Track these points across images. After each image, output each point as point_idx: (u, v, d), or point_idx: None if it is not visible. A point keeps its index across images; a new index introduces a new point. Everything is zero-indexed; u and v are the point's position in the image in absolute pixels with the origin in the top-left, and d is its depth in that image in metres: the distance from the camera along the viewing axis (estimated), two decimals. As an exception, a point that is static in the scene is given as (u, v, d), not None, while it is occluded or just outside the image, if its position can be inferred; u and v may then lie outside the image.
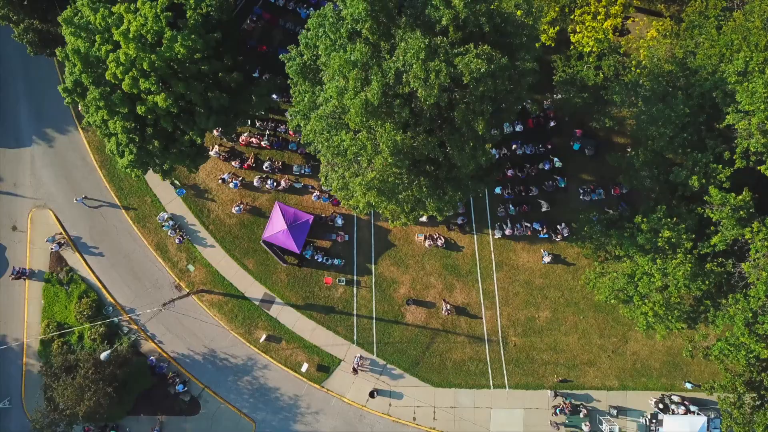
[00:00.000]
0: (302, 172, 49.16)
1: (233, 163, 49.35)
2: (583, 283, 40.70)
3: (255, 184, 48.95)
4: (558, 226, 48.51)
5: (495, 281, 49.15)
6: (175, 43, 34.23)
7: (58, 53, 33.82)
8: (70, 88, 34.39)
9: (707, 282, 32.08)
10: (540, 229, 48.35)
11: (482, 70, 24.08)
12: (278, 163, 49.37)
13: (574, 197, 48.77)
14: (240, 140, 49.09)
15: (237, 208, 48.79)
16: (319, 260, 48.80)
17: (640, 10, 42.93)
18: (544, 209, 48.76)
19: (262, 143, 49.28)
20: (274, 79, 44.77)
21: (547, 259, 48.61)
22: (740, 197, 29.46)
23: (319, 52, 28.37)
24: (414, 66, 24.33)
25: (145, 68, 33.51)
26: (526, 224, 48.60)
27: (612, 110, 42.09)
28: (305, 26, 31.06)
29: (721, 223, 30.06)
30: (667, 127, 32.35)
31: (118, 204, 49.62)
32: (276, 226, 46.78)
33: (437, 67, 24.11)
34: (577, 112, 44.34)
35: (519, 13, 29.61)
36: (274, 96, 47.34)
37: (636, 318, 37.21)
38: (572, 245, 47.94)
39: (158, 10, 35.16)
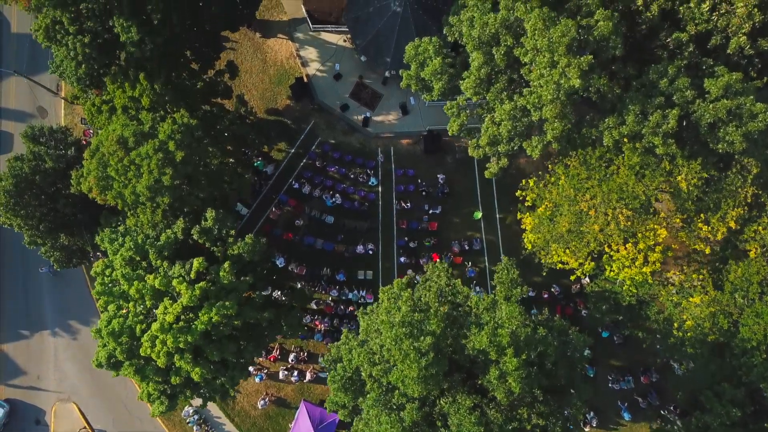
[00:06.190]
0: (328, 362, 48.49)
1: (258, 355, 48.75)
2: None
3: (280, 377, 48.29)
4: (586, 416, 47.83)
5: (523, 471, 48.44)
6: (210, 312, 33.75)
7: (92, 333, 33.28)
8: (103, 362, 33.78)
9: None
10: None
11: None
12: (303, 354, 48.75)
13: (603, 385, 48.13)
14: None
15: (262, 402, 48.14)
16: (346, 454, 48.21)
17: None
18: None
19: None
20: (303, 294, 44.30)
21: (575, 449, 47.90)
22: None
23: (363, 378, 27.76)
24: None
25: (181, 347, 32.98)
26: (554, 414, 47.95)
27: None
28: (338, 354, 30.37)
29: None
30: (714, 419, 31.77)
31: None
32: (302, 429, 46.00)
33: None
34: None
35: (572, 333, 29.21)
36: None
37: None
38: (601, 434, 47.44)
39: (192, 275, 34.82)
